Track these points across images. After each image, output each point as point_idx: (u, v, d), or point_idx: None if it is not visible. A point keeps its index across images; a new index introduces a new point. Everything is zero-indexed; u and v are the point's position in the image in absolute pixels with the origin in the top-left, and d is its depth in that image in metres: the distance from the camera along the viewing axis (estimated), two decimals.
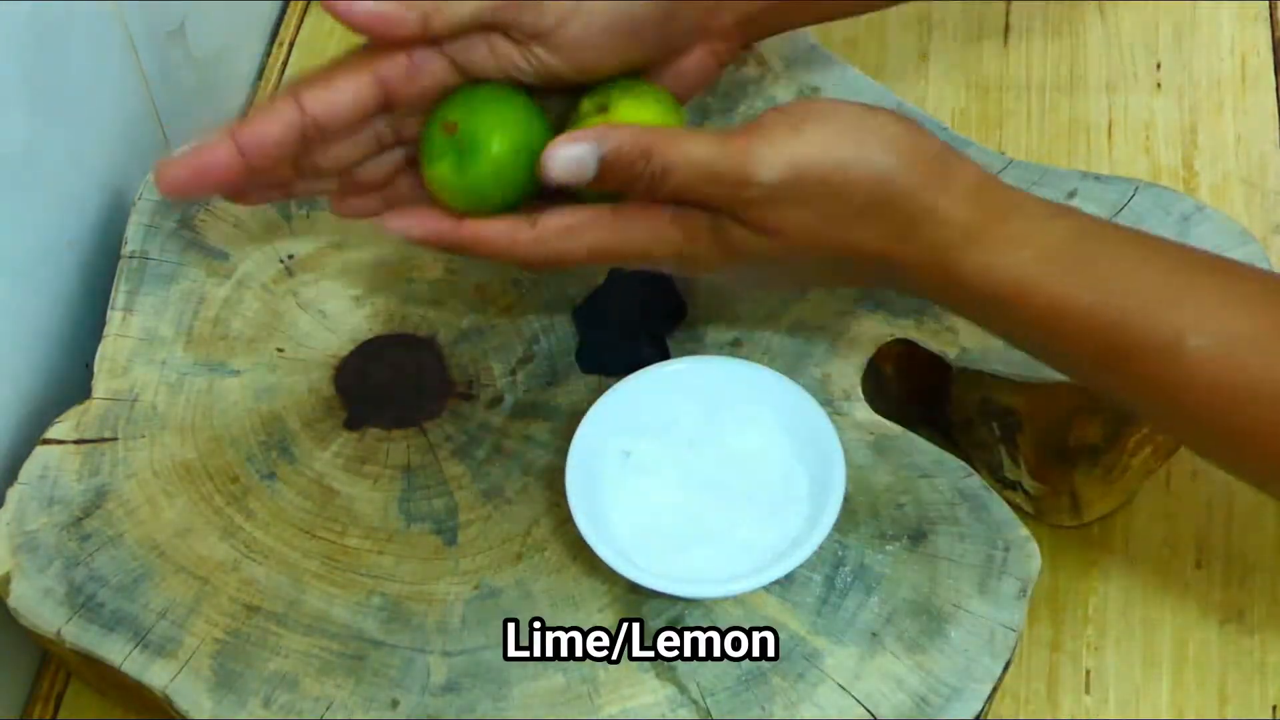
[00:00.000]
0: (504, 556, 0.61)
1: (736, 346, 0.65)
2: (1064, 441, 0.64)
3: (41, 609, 0.58)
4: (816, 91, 0.74)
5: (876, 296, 0.66)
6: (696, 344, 0.66)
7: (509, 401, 0.65)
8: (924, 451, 0.62)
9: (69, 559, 0.60)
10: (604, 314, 0.66)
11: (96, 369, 0.65)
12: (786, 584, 0.59)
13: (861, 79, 0.73)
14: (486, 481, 0.62)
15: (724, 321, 0.66)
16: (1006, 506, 0.60)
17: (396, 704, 0.57)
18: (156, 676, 0.57)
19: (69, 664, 0.64)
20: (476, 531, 0.61)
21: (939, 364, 0.64)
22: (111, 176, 0.72)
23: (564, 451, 0.59)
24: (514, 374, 0.65)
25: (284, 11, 0.90)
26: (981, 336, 0.64)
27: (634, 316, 0.66)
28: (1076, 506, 0.68)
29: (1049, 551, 0.63)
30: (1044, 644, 0.65)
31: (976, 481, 0.61)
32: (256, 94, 0.86)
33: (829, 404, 0.63)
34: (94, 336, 0.66)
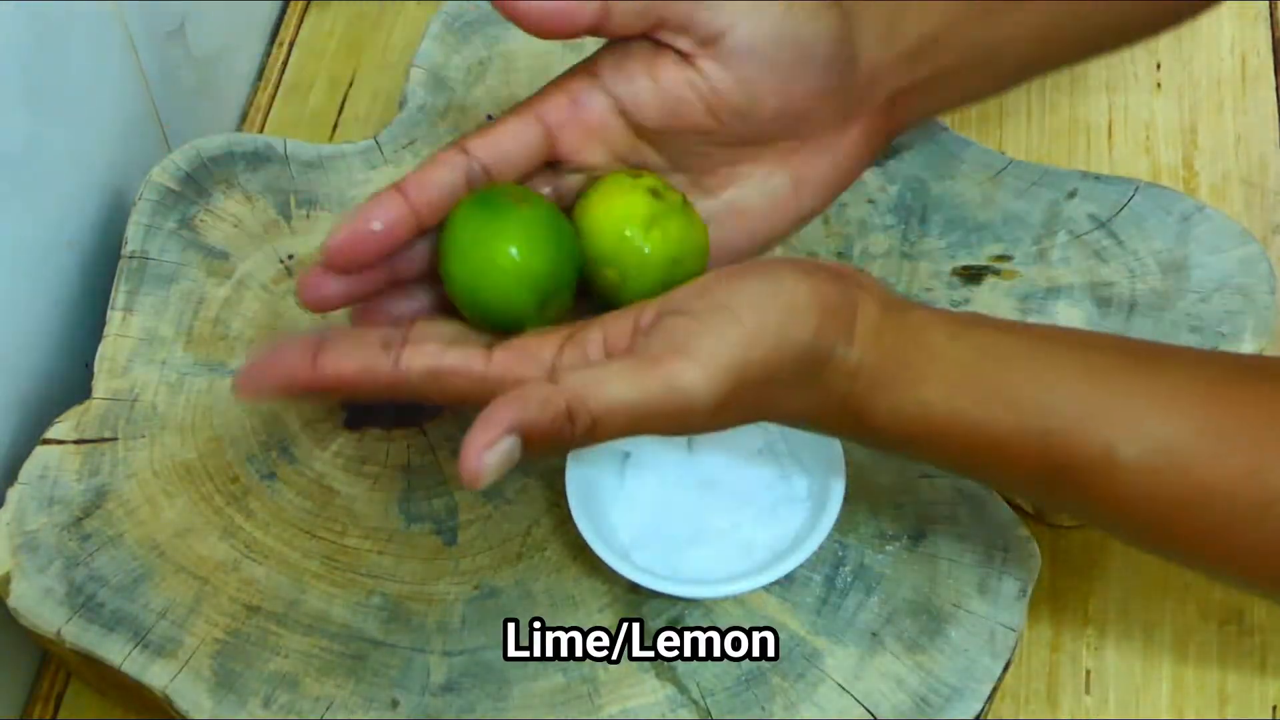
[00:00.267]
0: (504, 556, 0.61)
1: None
2: None
3: (41, 609, 0.58)
4: None
5: None
6: None
7: None
8: None
9: (69, 559, 0.60)
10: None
11: (96, 369, 0.65)
12: (786, 584, 0.59)
13: None
14: None
15: None
16: (1006, 506, 0.60)
17: (396, 704, 0.57)
18: (156, 676, 0.57)
19: (69, 664, 0.64)
20: (476, 531, 0.61)
21: None
22: (111, 176, 0.72)
23: None
24: None
25: (284, 11, 0.90)
26: None
27: None
28: None
29: (1049, 551, 0.63)
30: (1044, 644, 0.65)
31: None
32: (256, 94, 0.86)
33: None
34: (94, 336, 0.66)
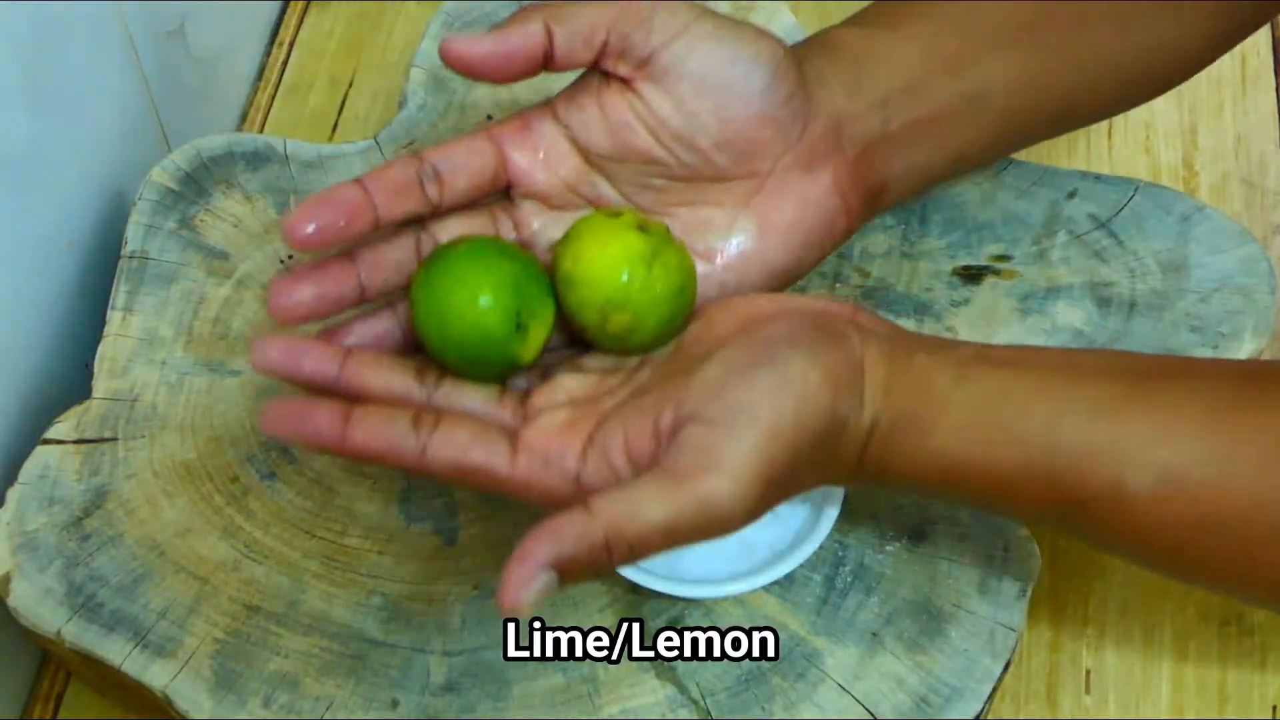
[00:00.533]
0: (504, 556, 0.60)
1: None
2: None
3: (41, 609, 0.58)
4: None
5: (876, 297, 0.66)
6: None
7: None
8: None
9: (69, 559, 0.60)
10: None
11: (96, 369, 0.65)
12: (786, 584, 0.59)
13: None
14: None
15: None
16: None
17: (396, 704, 0.57)
18: (156, 676, 0.57)
19: (69, 664, 0.64)
20: (476, 531, 0.61)
21: None
22: (111, 176, 0.72)
23: None
24: None
25: (284, 11, 0.90)
26: (983, 337, 0.64)
27: None
28: None
29: (1049, 551, 0.63)
30: (1044, 644, 0.65)
31: None
32: (256, 94, 0.86)
33: None
34: (94, 336, 0.66)
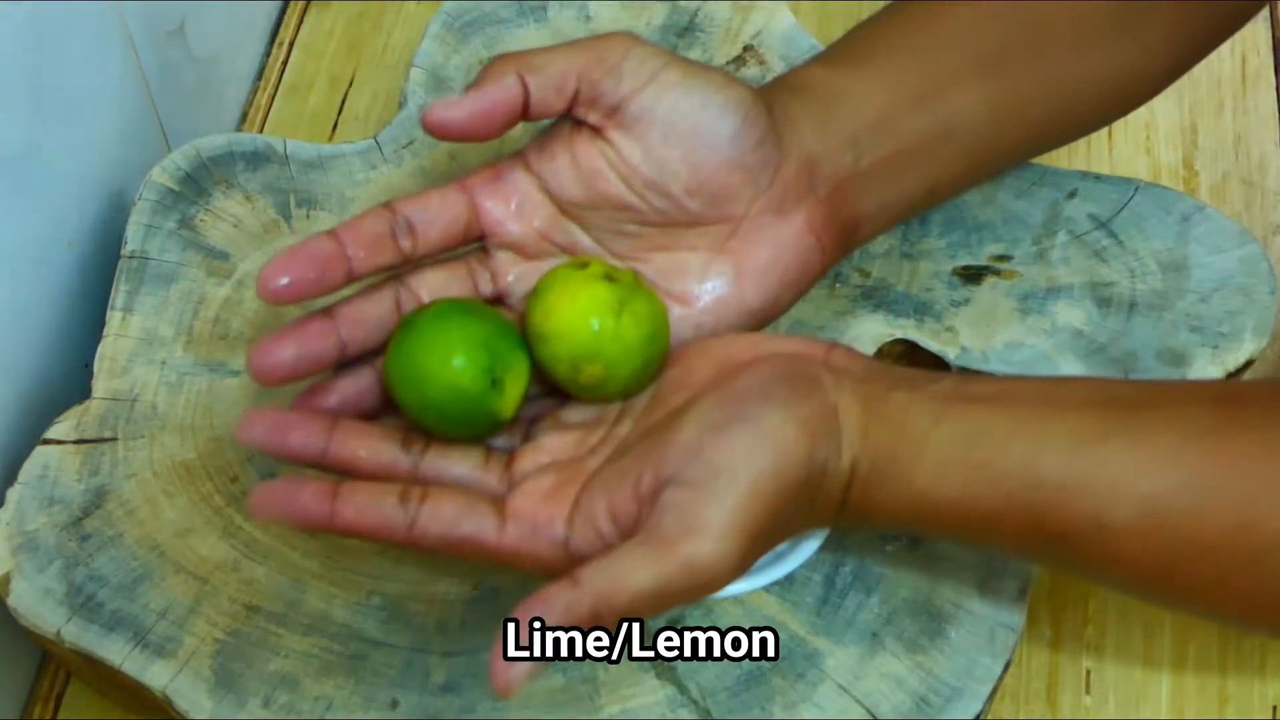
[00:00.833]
0: None
1: None
2: None
3: (41, 609, 0.58)
4: None
5: (876, 297, 0.66)
6: None
7: None
8: None
9: (69, 559, 0.60)
10: None
11: (96, 369, 0.65)
12: (786, 584, 0.59)
13: None
14: None
15: None
16: None
17: (396, 704, 0.57)
18: (156, 676, 0.57)
19: (69, 664, 0.64)
20: None
21: (939, 364, 0.64)
22: (111, 176, 0.72)
23: None
24: None
25: (284, 11, 0.90)
26: (983, 337, 0.64)
27: None
28: None
29: None
30: (1044, 644, 0.65)
31: None
32: (256, 94, 0.86)
33: None
34: (94, 336, 0.66)
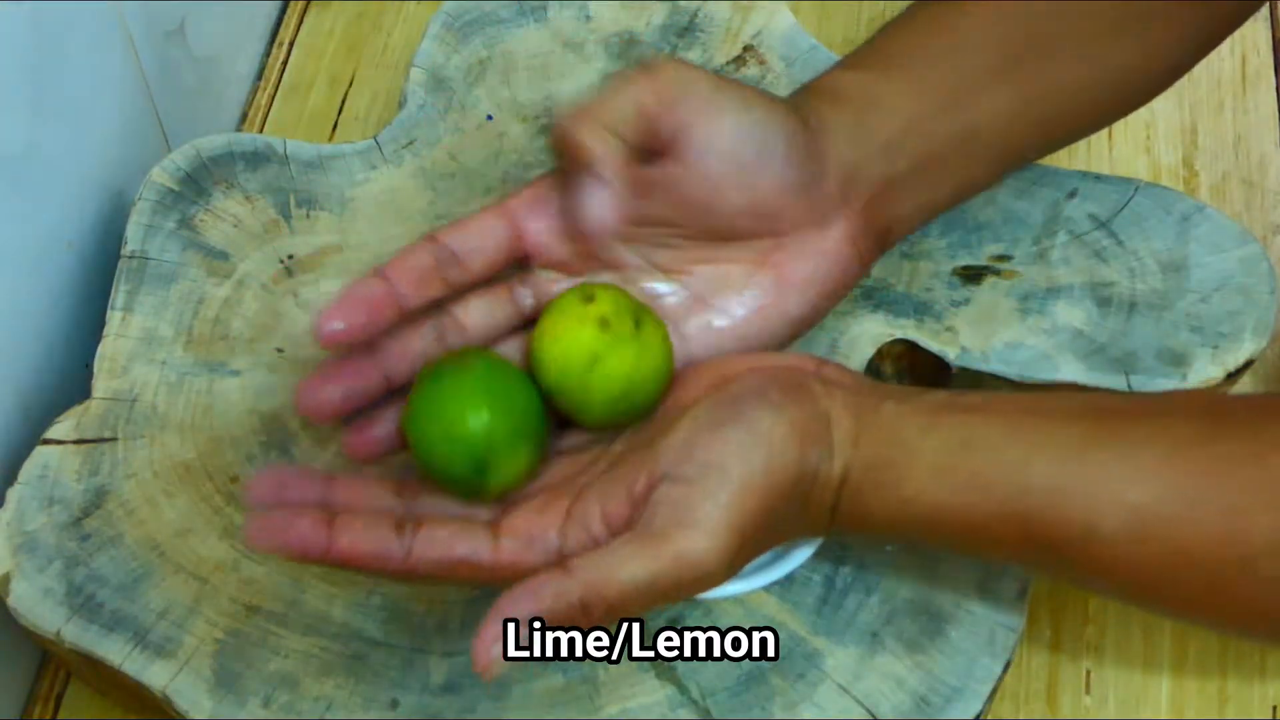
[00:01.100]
0: None
1: None
2: None
3: (41, 609, 0.58)
4: None
5: (876, 297, 0.66)
6: None
7: None
8: None
9: (69, 559, 0.60)
10: None
11: (96, 369, 0.65)
12: (786, 584, 0.59)
13: None
14: None
15: None
16: None
17: (396, 704, 0.57)
18: (156, 676, 0.57)
19: (69, 664, 0.64)
20: None
21: (939, 364, 0.64)
22: (111, 176, 0.72)
23: None
24: None
25: (284, 11, 0.90)
26: (983, 337, 0.64)
27: None
28: None
29: None
30: (1044, 644, 0.65)
31: None
32: (256, 94, 0.86)
33: None
34: (94, 336, 0.66)
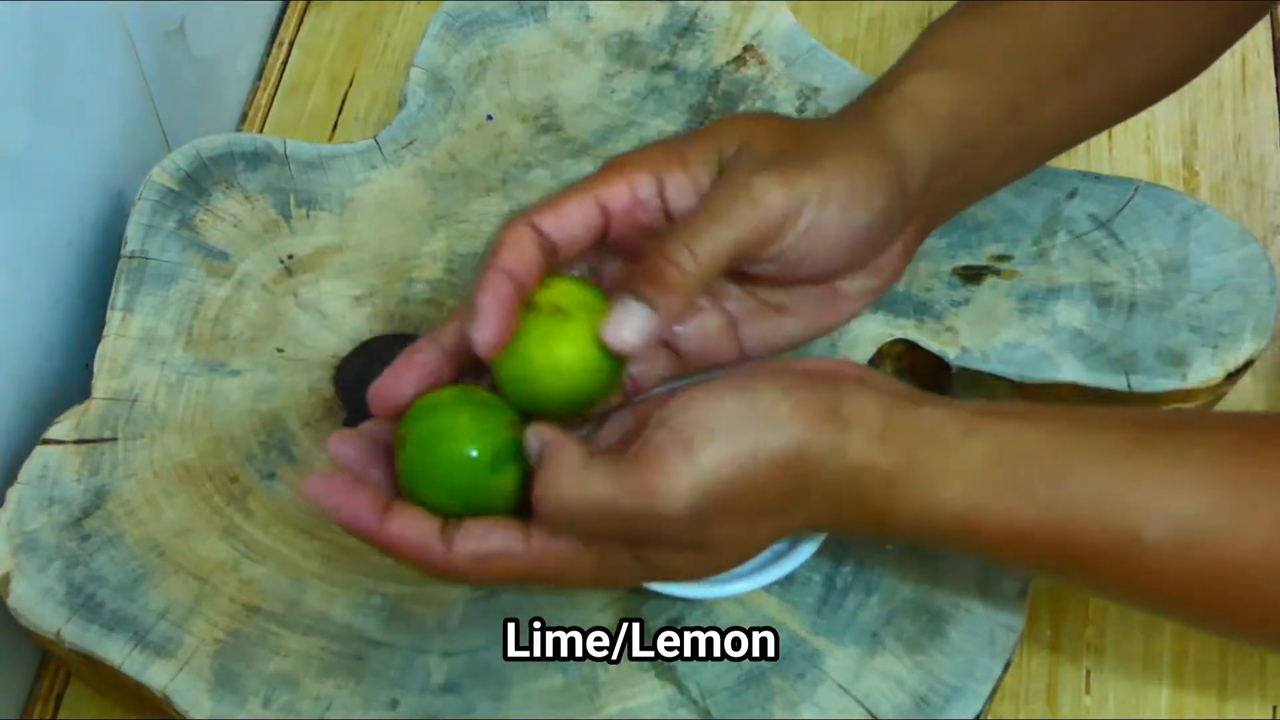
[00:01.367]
0: None
1: None
2: None
3: (41, 609, 0.58)
4: (817, 92, 0.74)
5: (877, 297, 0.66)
6: None
7: None
8: None
9: (69, 559, 0.60)
10: None
11: (96, 369, 0.65)
12: (786, 584, 0.59)
13: (861, 78, 0.73)
14: None
15: None
16: None
17: (396, 704, 0.57)
18: (156, 676, 0.57)
19: (69, 664, 0.64)
20: None
21: (939, 364, 0.64)
22: (111, 176, 0.72)
23: None
24: None
25: (284, 11, 0.90)
26: (983, 337, 0.64)
27: None
28: None
29: None
30: (1044, 644, 0.65)
31: None
32: (256, 94, 0.86)
33: None
34: (94, 336, 0.66)
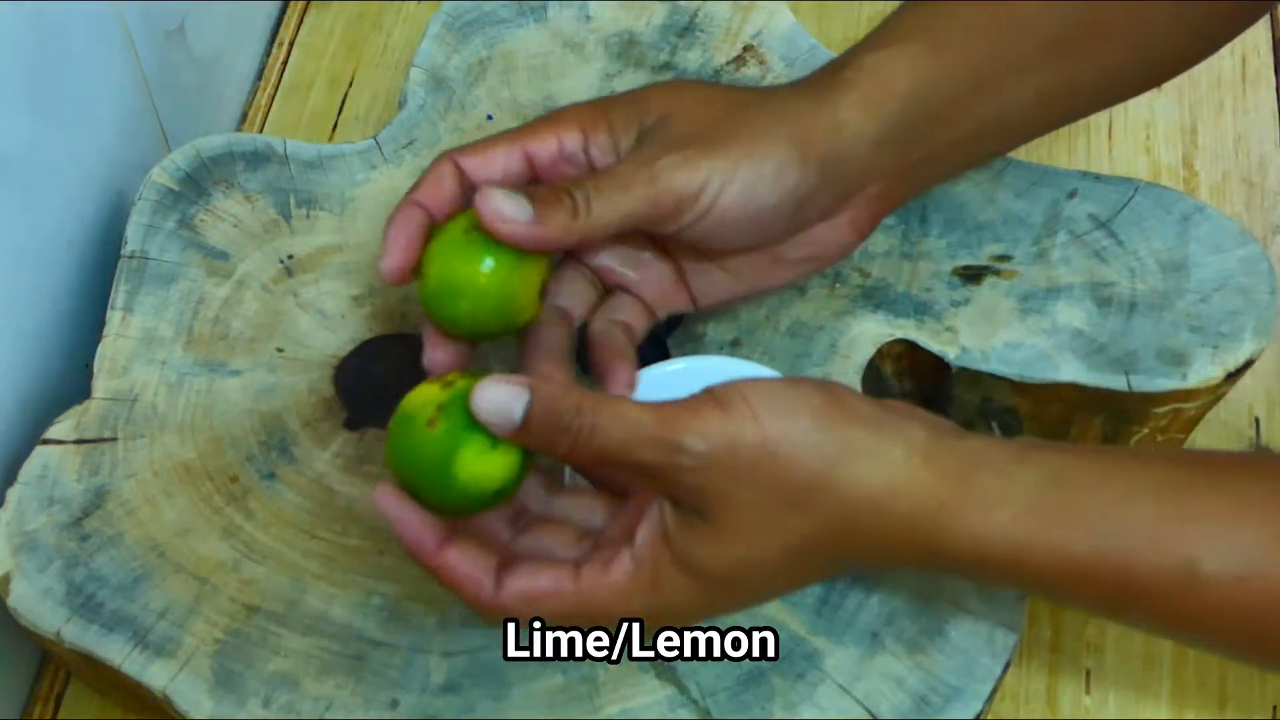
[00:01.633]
0: None
1: (736, 346, 0.65)
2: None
3: (41, 609, 0.58)
4: None
5: (876, 297, 0.66)
6: (696, 344, 0.66)
7: None
8: None
9: (69, 559, 0.60)
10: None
11: (96, 369, 0.65)
12: None
13: None
14: None
15: (724, 321, 0.66)
16: None
17: (396, 704, 0.57)
18: (156, 676, 0.57)
19: (69, 664, 0.64)
20: None
21: (939, 364, 0.64)
22: (111, 176, 0.72)
23: None
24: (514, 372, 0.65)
25: (284, 11, 0.90)
26: (983, 337, 0.64)
27: None
28: None
29: None
30: (1044, 644, 0.65)
31: None
32: (256, 94, 0.86)
33: None
34: (94, 336, 0.66)
